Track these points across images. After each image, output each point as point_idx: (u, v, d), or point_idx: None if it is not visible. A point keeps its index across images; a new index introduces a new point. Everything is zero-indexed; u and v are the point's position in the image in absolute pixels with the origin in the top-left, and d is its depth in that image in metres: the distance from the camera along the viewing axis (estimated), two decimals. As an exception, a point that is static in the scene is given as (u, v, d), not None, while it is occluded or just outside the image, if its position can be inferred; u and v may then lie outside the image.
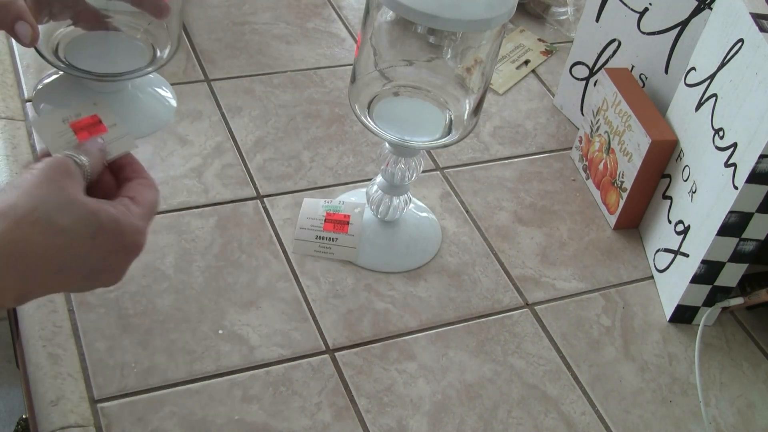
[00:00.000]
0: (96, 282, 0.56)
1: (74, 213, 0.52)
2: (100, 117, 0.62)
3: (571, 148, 1.03)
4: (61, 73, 0.74)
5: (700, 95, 0.84)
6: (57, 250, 0.51)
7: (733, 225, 0.78)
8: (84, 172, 0.56)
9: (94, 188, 0.58)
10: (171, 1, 0.71)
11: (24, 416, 1.37)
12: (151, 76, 0.78)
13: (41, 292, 0.53)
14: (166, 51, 0.75)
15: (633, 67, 0.97)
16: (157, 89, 0.79)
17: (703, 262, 0.81)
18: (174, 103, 0.79)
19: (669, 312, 0.86)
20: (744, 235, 0.79)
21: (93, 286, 0.56)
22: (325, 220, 0.86)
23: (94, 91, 0.74)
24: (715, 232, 0.79)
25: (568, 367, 0.80)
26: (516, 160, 1.01)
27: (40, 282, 0.52)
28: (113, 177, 0.60)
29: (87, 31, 0.74)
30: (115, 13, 0.73)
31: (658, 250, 0.89)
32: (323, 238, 0.85)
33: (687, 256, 0.84)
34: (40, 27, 0.66)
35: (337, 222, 0.86)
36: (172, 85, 0.90)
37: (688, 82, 0.87)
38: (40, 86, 0.74)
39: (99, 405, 0.70)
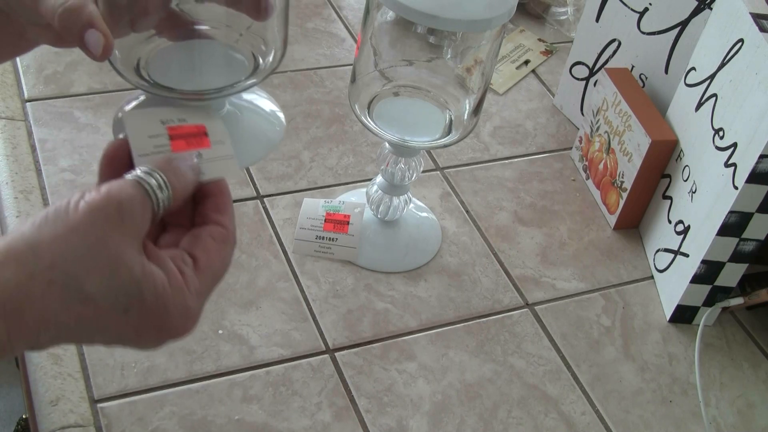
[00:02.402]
0: (121, 346, 0.47)
1: (109, 278, 0.43)
2: (206, 129, 0.52)
3: (571, 148, 1.03)
4: (144, 96, 0.62)
5: (700, 95, 0.84)
6: (74, 319, 0.43)
7: (733, 225, 0.78)
8: (156, 204, 0.46)
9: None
10: None
11: (24, 416, 1.37)
12: (253, 89, 0.64)
13: (50, 346, 0.45)
14: (270, 58, 0.61)
15: (633, 67, 0.97)
16: (261, 104, 0.64)
17: (703, 262, 0.81)
18: (283, 119, 0.64)
19: (669, 312, 0.86)
20: (744, 235, 0.79)
21: (117, 346, 0.48)
22: (325, 220, 0.86)
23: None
24: (715, 232, 0.79)
25: (568, 367, 0.80)
26: (516, 160, 1.01)
27: (48, 341, 0.44)
28: (192, 202, 0.50)
29: (173, 41, 0.60)
30: (206, 18, 0.60)
31: (658, 250, 0.89)
32: (323, 238, 0.85)
33: (687, 256, 0.84)
34: (119, 41, 0.54)
35: (337, 222, 0.86)
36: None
37: (688, 82, 0.87)
38: (120, 114, 0.60)
39: (99, 405, 0.70)
